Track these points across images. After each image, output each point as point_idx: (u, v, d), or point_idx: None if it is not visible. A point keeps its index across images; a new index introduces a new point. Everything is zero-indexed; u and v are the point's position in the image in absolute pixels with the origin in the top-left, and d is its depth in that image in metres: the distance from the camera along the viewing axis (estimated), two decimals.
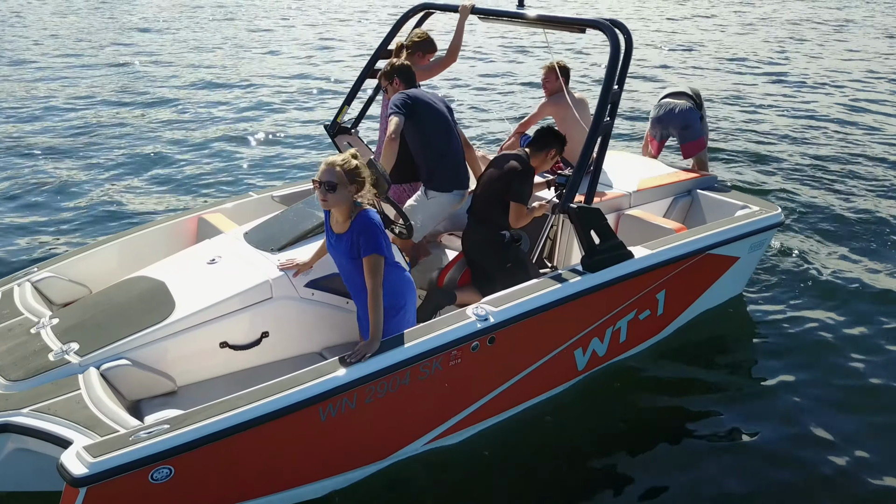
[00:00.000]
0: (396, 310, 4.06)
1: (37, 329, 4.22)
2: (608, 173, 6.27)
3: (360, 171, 3.85)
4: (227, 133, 11.75)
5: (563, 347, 4.76)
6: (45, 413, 3.56)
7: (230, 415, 3.45)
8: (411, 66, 5.33)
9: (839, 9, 31.07)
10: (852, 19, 27.71)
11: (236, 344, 4.35)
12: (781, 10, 30.20)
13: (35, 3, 29.66)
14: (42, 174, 9.55)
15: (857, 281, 6.76)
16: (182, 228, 5.55)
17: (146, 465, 3.28)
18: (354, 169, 3.82)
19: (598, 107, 4.72)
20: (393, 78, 5.23)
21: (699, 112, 6.84)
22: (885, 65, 18.21)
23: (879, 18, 28.11)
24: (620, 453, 4.65)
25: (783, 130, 12.00)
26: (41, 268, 4.97)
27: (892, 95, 14.76)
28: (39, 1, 30.07)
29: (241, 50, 19.91)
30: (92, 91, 14.39)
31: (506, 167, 4.98)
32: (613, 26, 4.82)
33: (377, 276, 3.82)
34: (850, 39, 22.57)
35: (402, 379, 3.92)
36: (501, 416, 4.67)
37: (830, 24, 26.20)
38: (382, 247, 3.84)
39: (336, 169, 3.78)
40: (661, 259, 5.04)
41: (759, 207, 6.02)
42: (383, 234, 3.89)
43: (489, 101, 14.21)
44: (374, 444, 4.14)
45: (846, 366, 5.53)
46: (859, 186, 9.33)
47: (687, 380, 5.37)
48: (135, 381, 4.03)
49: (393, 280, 3.99)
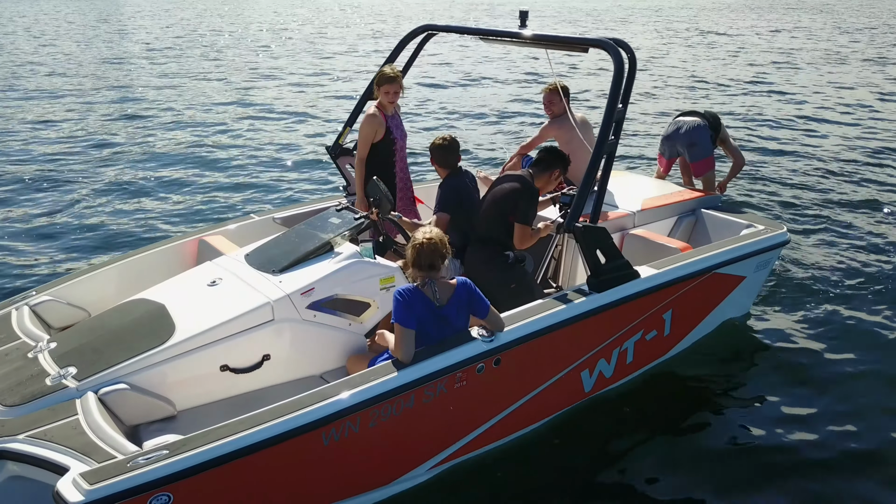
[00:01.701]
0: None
1: (34, 353, 4.14)
2: (612, 193, 6.23)
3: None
4: (229, 156, 11.76)
5: (569, 369, 4.69)
6: (42, 439, 3.47)
7: (231, 440, 3.37)
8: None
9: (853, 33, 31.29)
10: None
11: (237, 367, 4.27)
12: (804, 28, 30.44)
13: (22, 34, 29.89)
14: (41, 198, 9.53)
15: (864, 299, 6.70)
16: (182, 251, 5.49)
17: (144, 493, 3.19)
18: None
19: (602, 126, 4.68)
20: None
21: (710, 131, 6.81)
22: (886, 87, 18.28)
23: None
24: (628, 476, 4.54)
25: (787, 149, 12.01)
26: (39, 291, 4.90)
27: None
28: (26, 33, 30.30)
29: (243, 73, 20.02)
30: (91, 115, 14.44)
31: (510, 188, 4.94)
32: (617, 45, 4.80)
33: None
34: (852, 64, 22.68)
35: (406, 402, 3.84)
36: (507, 440, 4.58)
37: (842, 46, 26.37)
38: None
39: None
40: (667, 279, 4.98)
41: (765, 226, 5.97)
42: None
43: (488, 123, 14.24)
44: (378, 469, 4.05)
45: (855, 383, 5.46)
46: (867, 205, 9.30)
47: (695, 401, 5.29)
48: (133, 406, 3.94)
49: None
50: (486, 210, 5.08)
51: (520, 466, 4.50)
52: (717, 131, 6.90)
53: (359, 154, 5.77)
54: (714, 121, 6.92)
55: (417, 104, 15.86)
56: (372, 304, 4.63)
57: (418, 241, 3.93)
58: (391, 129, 5.77)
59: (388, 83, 5.65)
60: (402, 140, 5.91)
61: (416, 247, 3.92)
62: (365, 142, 5.72)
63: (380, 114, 5.72)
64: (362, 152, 5.75)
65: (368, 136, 5.71)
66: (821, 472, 4.55)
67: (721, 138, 6.98)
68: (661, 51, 25.01)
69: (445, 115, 14.90)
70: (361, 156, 5.76)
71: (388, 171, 5.79)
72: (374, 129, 5.70)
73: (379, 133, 5.72)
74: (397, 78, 5.68)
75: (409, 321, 3.87)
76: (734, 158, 7.13)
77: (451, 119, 14.53)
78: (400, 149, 5.87)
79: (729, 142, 7.11)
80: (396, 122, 5.85)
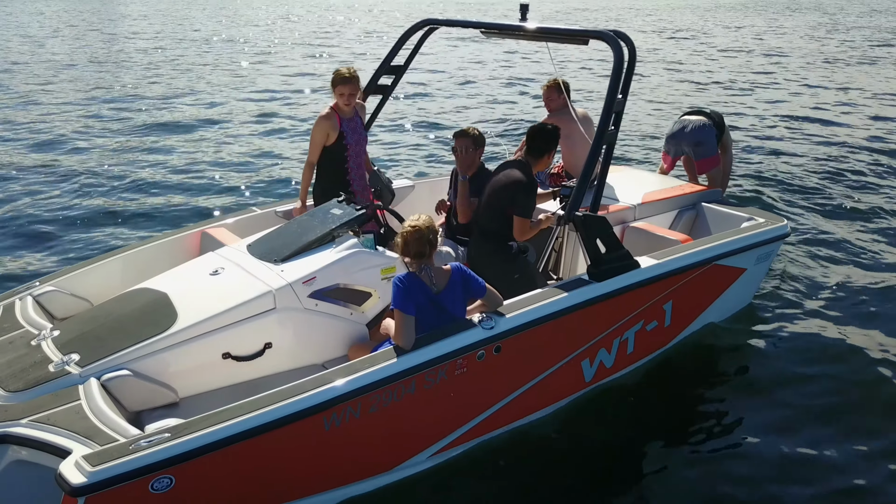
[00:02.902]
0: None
1: (37, 341, 4.16)
2: (612, 187, 6.25)
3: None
4: (232, 149, 11.85)
5: (570, 358, 4.70)
6: (44, 423, 3.49)
7: (233, 423, 3.39)
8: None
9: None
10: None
11: (239, 355, 4.29)
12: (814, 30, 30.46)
13: (18, 30, 30.02)
14: (45, 191, 9.59)
15: (868, 293, 6.70)
16: (185, 243, 5.52)
17: (146, 475, 3.21)
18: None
19: (601, 116, 4.70)
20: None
21: (714, 130, 6.83)
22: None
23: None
24: (628, 467, 4.55)
25: (789, 147, 12.01)
26: (43, 282, 4.93)
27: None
28: (25, 31, 30.43)
29: (245, 67, 20.09)
30: (96, 107, 14.50)
31: (507, 181, 4.94)
32: (617, 37, 4.82)
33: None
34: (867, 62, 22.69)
35: (407, 388, 3.86)
36: (508, 428, 4.59)
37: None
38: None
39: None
40: (667, 269, 4.99)
41: (765, 219, 5.99)
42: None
43: (490, 120, 14.26)
44: (378, 455, 4.07)
45: (855, 379, 5.44)
46: (870, 199, 9.31)
47: (695, 392, 5.29)
48: (136, 393, 3.97)
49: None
50: (485, 202, 5.09)
51: (520, 456, 4.50)
52: (721, 131, 6.92)
53: (308, 158, 5.54)
54: (719, 120, 6.94)
55: (419, 99, 15.90)
56: (373, 294, 4.65)
57: (404, 230, 4.00)
58: (345, 132, 5.45)
59: (343, 84, 5.36)
60: (358, 145, 5.57)
61: (404, 236, 3.99)
62: (315, 146, 5.46)
63: (335, 116, 5.44)
64: (312, 156, 5.50)
65: (319, 140, 5.44)
66: (822, 467, 4.54)
67: (723, 144, 6.98)
68: (663, 50, 25.03)
69: (446, 114, 14.94)
70: (311, 160, 5.52)
71: (340, 177, 5.52)
72: (324, 132, 5.42)
73: (331, 136, 5.43)
74: (353, 79, 5.38)
75: (409, 307, 3.90)
76: (724, 160, 7.06)
77: (452, 117, 14.56)
78: (354, 154, 5.56)
79: (729, 150, 7.12)
80: (353, 126, 5.52)
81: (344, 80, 5.38)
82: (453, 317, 4.10)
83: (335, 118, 5.46)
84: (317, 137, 5.46)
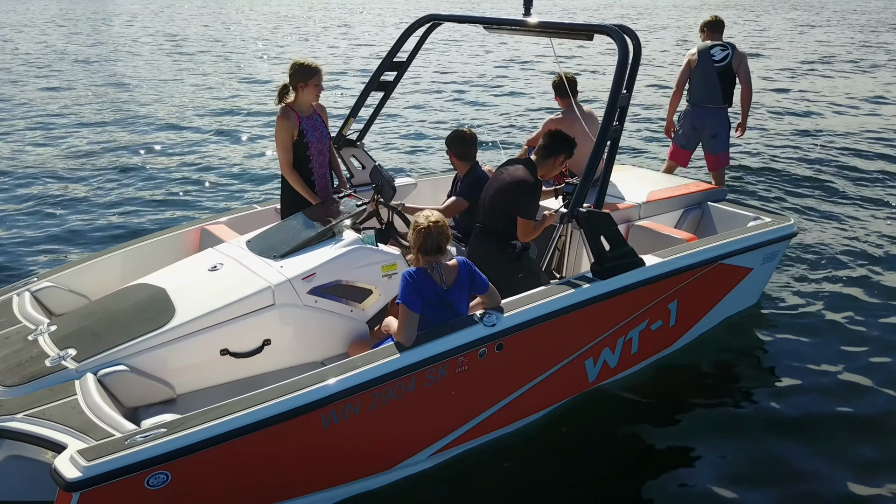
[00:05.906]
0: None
1: (34, 336, 4.13)
2: (617, 185, 6.20)
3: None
4: (231, 146, 11.81)
5: (573, 357, 4.64)
6: (40, 418, 3.46)
7: (230, 419, 3.34)
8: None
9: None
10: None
11: (237, 351, 4.24)
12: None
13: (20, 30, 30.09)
14: (45, 188, 9.58)
15: (877, 294, 6.62)
16: (184, 240, 5.48)
17: (142, 470, 3.17)
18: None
19: (606, 111, 4.65)
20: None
21: (728, 122, 6.94)
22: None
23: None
24: (630, 468, 4.48)
25: (795, 144, 11.93)
26: (41, 277, 4.90)
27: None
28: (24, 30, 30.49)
29: (244, 62, 20.07)
30: (94, 105, 14.49)
31: (512, 180, 4.88)
32: (622, 31, 4.77)
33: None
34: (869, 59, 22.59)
35: (407, 385, 3.80)
36: (509, 428, 4.53)
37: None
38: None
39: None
40: (672, 267, 4.93)
41: (772, 219, 5.92)
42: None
43: (495, 115, 14.21)
44: (378, 453, 4.01)
45: (864, 379, 5.36)
46: (879, 198, 9.22)
47: (700, 394, 5.22)
48: (133, 388, 3.92)
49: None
50: (488, 202, 5.03)
51: (522, 456, 4.44)
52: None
53: (284, 160, 5.28)
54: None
55: (425, 94, 15.84)
56: (374, 291, 4.60)
57: (423, 225, 3.89)
58: (305, 130, 5.25)
59: (316, 74, 5.19)
60: (320, 142, 5.35)
61: (423, 231, 3.88)
62: (285, 146, 5.22)
63: (293, 114, 5.21)
64: (287, 157, 5.25)
65: (287, 140, 5.20)
66: (829, 467, 4.46)
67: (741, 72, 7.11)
68: (664, 50, 24.95)
69: (448, 111, 14.89)
70: (287, 160, 5.26)
71: (304, 178, 5.33)
72: (289, 131, 5.20)
73: (294, 135, 5.23)
74: (321, 70, 5.21)
75: (416, 304, 3.84)
76: (743, 87, 7.19)
77: (454, 115, 14.51)
78: (317, 153, 5.35)
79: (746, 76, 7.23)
80: (313, 124, 5.31)
81: (315, 71, 5.19)
82: (458, 313, 4.04)
83: (293, 116, 5.23)
84: (284, 137, 5.22)
